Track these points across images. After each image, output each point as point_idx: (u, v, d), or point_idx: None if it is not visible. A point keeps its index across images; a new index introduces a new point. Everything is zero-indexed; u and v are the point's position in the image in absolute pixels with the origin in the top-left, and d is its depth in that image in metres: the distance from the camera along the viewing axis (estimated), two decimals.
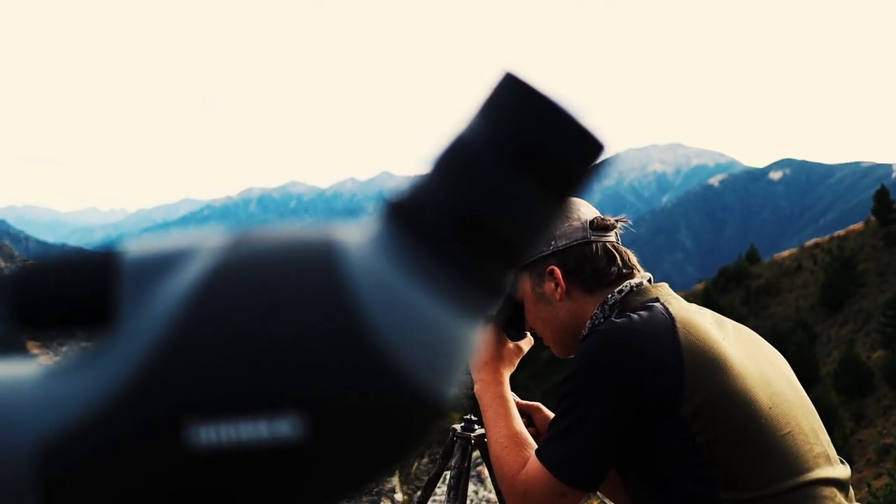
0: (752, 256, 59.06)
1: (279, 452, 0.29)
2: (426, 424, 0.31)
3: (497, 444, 1.49)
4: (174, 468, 0.29)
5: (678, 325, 1.32)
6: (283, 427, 0.28)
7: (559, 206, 0.32)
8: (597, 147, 0.31)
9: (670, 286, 1.49)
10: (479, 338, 0.32)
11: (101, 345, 0.31)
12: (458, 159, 0.31)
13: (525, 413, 1.68)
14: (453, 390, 0.31)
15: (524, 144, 0.30)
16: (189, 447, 0.28)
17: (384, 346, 0.29)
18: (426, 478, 2.17)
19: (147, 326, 0.30)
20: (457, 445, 1.88)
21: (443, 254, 0.31)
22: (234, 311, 0.29)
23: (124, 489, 0.29)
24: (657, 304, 1.37)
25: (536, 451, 1.38)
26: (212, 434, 0.28)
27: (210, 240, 0.32)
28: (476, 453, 1.96)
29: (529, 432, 1.52)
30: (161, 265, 0.31)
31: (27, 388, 0.31)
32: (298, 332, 0.29)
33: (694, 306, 1.44)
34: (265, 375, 0.28)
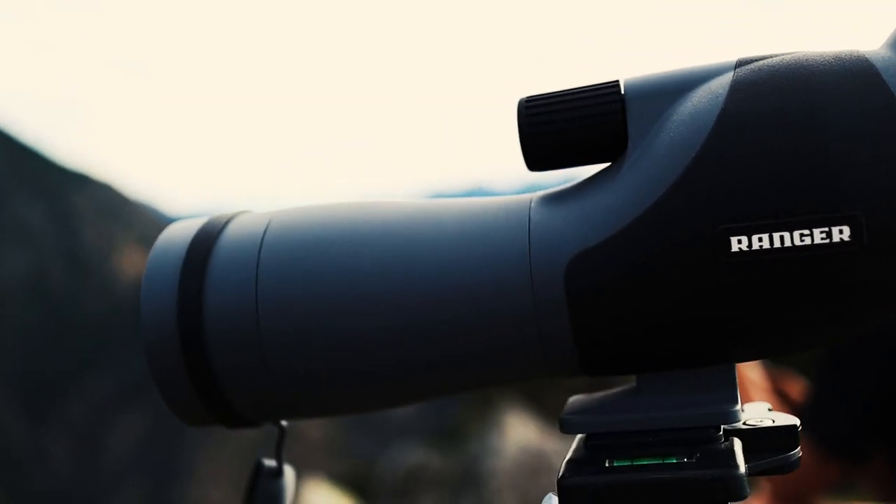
0: None
1: (830, 259, 0.28)
2: None
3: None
4: (714, 281, 0.29)
5: None
6: (833, 233, 0.28)
7: None
8: None
9: None
10: None
11: (618, 167, 0.32)
12: None
13: (771, 382, 1.37)
14: None
15: None
16: (731, 258, 0.28)
17: None
18: None
19: (672, 146, 0.30)
20: None
21: None
22: (771, 121, 0.29)
23: (656, 302, 0.30)
24: None
25: (802, 426, 1.10)
26: (756, 242, 0.28)
27: (718, 65, 0.32)
28: None
29: (782, 403, 1.30)
30: (668, 89, 0.32)
31: (557, 209, 0.33)
32: (844, 138, 0.28)
33: None
34: (814, 181, 0.28)
